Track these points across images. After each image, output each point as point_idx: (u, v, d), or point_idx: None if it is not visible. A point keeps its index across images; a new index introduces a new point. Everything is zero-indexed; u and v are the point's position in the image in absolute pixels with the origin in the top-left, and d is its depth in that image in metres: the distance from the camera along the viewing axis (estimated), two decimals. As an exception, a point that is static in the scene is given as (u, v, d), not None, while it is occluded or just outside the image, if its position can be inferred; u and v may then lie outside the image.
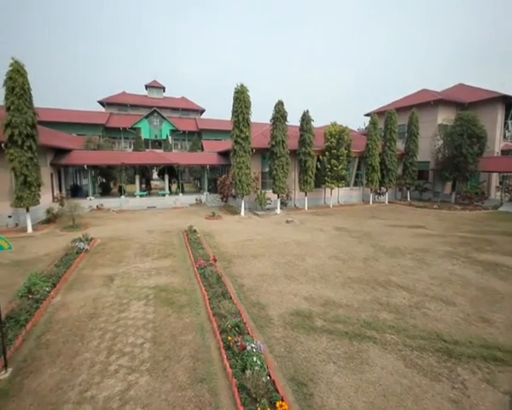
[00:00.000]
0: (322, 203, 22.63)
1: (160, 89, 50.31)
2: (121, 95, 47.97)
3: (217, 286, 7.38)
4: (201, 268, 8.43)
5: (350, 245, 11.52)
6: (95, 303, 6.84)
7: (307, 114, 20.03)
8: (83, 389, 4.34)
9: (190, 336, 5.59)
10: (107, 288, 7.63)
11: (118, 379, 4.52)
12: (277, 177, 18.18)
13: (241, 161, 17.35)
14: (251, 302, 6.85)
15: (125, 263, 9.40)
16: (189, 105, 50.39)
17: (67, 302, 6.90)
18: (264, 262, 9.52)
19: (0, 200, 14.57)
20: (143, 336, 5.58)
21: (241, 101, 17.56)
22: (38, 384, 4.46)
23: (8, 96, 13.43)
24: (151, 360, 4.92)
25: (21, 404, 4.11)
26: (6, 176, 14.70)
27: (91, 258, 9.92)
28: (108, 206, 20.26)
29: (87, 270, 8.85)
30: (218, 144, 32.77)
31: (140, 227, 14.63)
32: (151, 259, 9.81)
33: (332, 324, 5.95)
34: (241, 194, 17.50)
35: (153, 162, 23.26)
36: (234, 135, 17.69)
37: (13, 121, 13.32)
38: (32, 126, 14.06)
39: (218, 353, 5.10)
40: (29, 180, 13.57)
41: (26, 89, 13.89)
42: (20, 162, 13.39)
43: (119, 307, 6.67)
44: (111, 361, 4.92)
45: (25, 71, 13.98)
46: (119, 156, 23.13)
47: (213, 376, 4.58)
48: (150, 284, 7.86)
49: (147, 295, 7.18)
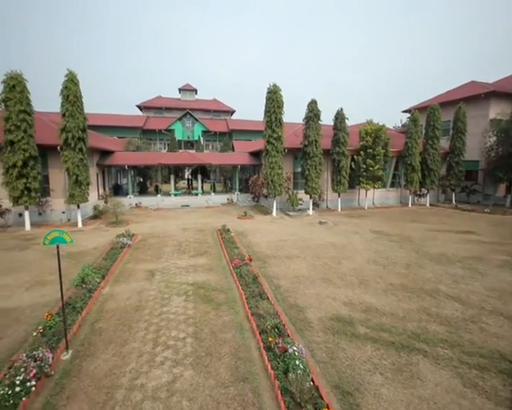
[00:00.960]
0: (356, 205, 21.75)
1: (192, 91, 52.14)
2: (157, 99, 50.56)
3: (253, 286, 7.40)
4: (237, 267, 8.53)
5: (389, 250, 10.90)
6: (139, 296, 7.24)
7: (341, 113, 19.39)
8: (133, 377, 4.59)
9: (230, 334, 5.66)
10: (149, 282, 8.03)
11: (164, 371, 4.71)
12: (310, 177, 17.83)
13: (274, 161, 17.29)
14: (288, 304, 6.76)
15: (164, 259, 9.84)
16: (220, 106, 51.56)
17: (115, 294, 7.38)
18: (299, 264, 9.37)
19: (56, 197, 16.13)
20: (185, 331, 5.76)
21: (274, 101, 17.50)
22: (95, 368, 4.81)
23: (63, 103, 14.78)
24: (194, 355, 5.07)
25: (81, 384, 4.47)
26: (61, 176, 16.22)
27: (134, 253, 10.53)
28: (146, 204, 21.45)
29: (131, 264, 9.41)
30: (247, 144, 33.07)
31: (176, 225, 15.25)
32: (188, 256, 10.15)
33: (376, 332, 5.65)
34: (273, 194, 17.44)
35: (187, 162, 24.14)
36: (266, 135, 17.69)
37: (67, 126, 14.65)
38: (83, 130, 15.34)
39: (258, 353, 5.10)
40: (80, 179, 14.83)
41: (78, 96, 15.18)
42: (73, 163, 14.68)
43: (161, 301, 6.98)
44: (157, 353, 5.15)
45: (77, 80, 15.28)
46: (155, 157, 24.36)
47: (255, 376, 4.58)
48: (189, 280, 8.12)
49: (186, 292, 7.43)
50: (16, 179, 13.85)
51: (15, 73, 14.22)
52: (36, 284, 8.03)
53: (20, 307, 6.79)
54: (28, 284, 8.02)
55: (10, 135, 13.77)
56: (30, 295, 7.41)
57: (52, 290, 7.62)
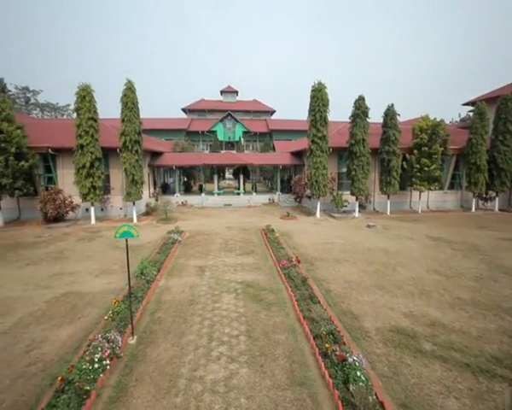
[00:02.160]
0: (408, 208, 20.08)
1: (233, 93, 53.50)
2: (200, 102, 52.93)
3: (303, 288, 7.25)
4: (285, 268, 8.44)
5: (452, 259, 9.80)
6: (192, 291, 7.57)
7: (392, 109, 18.07)
8: (192, 368, 4.79)
9: (283, 336, 5.59)
10: (200, 278, 8.37)
11: (220, 366, 4.83)
12: (356, 178, 16.95)
13: (318, 160, 16.82)
14: (341, 310, 6.46)
15: (212, 256, 10.19)
16: (260, 107, 52.03)
17: (170, 286, 7.84)
18: (349, 268, 8.94)
19: (115, 194, 17.82)
20: (238, 329, 5.85)
21: (319, 99, 17.01)
22: (157, 355, 5.14)
23: (123, 109, 16.22)
24: (248, 354, 5.11)
25: (147, 369, 4.80)
26: (119, 175, 17.86)
27: (183, 249, 11.10)
28: (191, 202, 22.56)
29: (182, 259, 9.93)
30: (288, 144, 32.76)
31: (220, 223, 15.73)
32: (235, 255, 10.36)
33: (445, 350, 5.08)
34: (317, 195, 16.98)
35: (229, 162, 24.81)
36: (310, 134, 17.29)
37: (126, 130, 16.06)
38: (139, 134, 16.70)
39: (313, 358, 4.94)
40: (136, 179, 16.16)
41: (135, 102, 16.54)
42: (130, 164, 16.06)
43: (212, 297, 7.21)
44: (212, 347, 5.31)
45: (135, 88, 16.64)
46: (200, 157, 25.47)
47: (312, 382, 4.44)
48: (237, 278, 8.27)
49: (235, 290, 7.56)
50: (85, 178, 15.61)
51: (85, 85, 16.03)
52: (103, 272, 8.91)
53: (92, 292, 7.59)
54: (97, 271, 8.94)
55: (81, 139, 15.56)
56: (99, 281, 8.24)
57: (117, 279, 8.40)
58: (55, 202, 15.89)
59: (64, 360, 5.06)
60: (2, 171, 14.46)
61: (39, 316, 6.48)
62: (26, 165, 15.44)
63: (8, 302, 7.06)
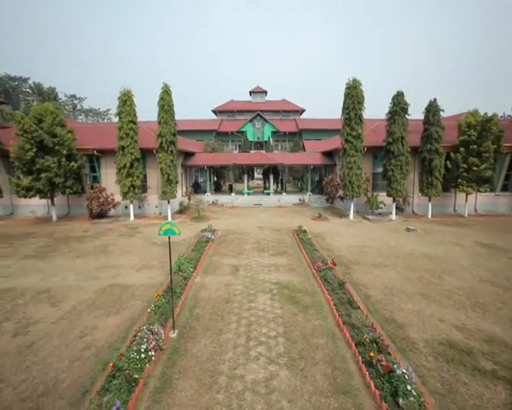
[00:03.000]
0: (452, 211, 18.56)
1: (262, 93, 53.65)
2: (229, 103, 53.83)
3: (340, 292, 7.00)
4: (320, 271, 8.22)
5: (509, 269, 8.84)
6: (227, 289, 7.68)
7: (434, 104, 16.82)
8: (232, 366, 4.83)
9: (322, 340, 5.44)
10: (234, 277, 8.46)
11: (260, 366, 4.81)
12: (394, 178, 16.04)
13: (352, 160, 16.20)
14: (383, 318, 6.13)
15: (245, 256, 10.26)
16: (290, 106, 51.56)
17: (206, 284, 8.02)
18: (388, 273, 8.47)
19: (151, 193, 18.75)
20: (275, 330, 5.81)
21: (353, 96, 16.38)
22: (198, 350, 5.27)
23: (160, 112, 16.98)
24: (287, 356, 5.03)
25: (188, 363, 4.93)
26: (155, 175, 18.75)
27: (217, 247, 11.32)
28: (222, 202, 23.00)
29: (216, 258, 10.13)
30: (318, 144, 32.06)
31: (251, 223, 15.82)
32: (268, 255, 10.34)
33: (510, 372, 4.57)
34: (351, 196, 16.36)
35: (259, 162, 24.89)
36: (344, 133, 16.71)
37: (162, 132, 16.80)
38: (174, 135, 17.38)
39: (356, 366, 4.73)
40: (171, 178, 16.85)
41: (170, 105, 17.24)
42: (166, 164, 16.78)
43: (248, 296, 7.25)
44: (251, 347, 5.32)
45: (170, 91, 17.34)
46: (230, 157, 25.87)
47: (356, 391, 4.25)
48: (271, 279, 8.23)
49: (271, 290, 7.53)
50: (125, 178, 16.62)
51: (126, 90, 17.06)
52: (143, 267, 9.39)
53: (134, 285, 8.02)
54: (137, 266, 9.45)
55: (122, 141, 16.59)
56: (140, 275, 8.70)
57: (156, 274, 8.80)
58: (99, 200, 17.12)
59: (113, 347, 5.40)
60: (56, 171, 15.88)
61: (90, 304, 6.99)
62: (75, 165, 16.81)
63: (63, 290, 7.72)
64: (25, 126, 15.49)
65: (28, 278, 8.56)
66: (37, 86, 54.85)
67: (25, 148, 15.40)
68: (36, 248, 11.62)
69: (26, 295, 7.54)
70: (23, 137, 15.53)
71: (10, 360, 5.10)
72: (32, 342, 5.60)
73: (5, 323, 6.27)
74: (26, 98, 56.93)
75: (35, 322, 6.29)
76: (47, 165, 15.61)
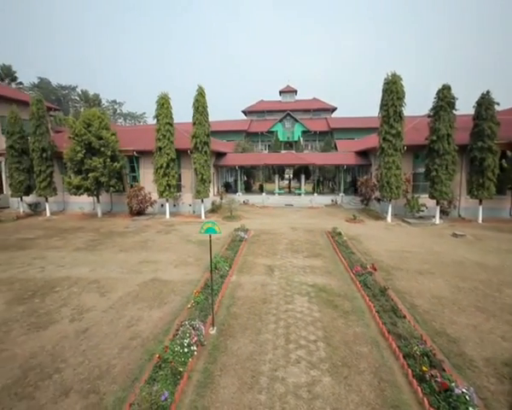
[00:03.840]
0: (506, 216, 16.75)
1: (292, 92, 53.12)
2: (259, 103, 54.06)
3: (382, 299, 6.64)
4: (359, 275, 7.89)
5: None
6: (263, 289, 7.67)
7: (487, 97, 15.30)
8: (272, 368, 4.80)
9: (365, 348, 5.19)
10: (270, 277, 8.44)
11: (301, 370, 4.72)
12: (438, 179, 14.87)
13: (391, 160, 15.34)
14: (434, 330, 5.69)
15: (279, 256, 10.20)
16: (320, 105, 50.40)
17: (242, 283, 8.09)
18: (435, 282, 7.86)
19: (186, 192, 19.46)
20: (315, 334, 5.67)
21: (393, 92, 15.49)
22: (238, 349, 5.31)
23: (195, 113, 17.52)
24: (329, 362, 4.88)
25: (229, 361, 5.00)
26: (189, 175, 19.42)
27: (250, 247, 11.39)
28: (252, 201, 23.15)
29: (250, 257, 10.19)
30: (351, 143, 30.92)
31: (283, 223, 15.71)
32: (302, 256, 10.18)
33: None
34: (389, 197, 15.50)
35: (291, 163, 24.67)
36: (382, 131, 15.88)
37: (196, 133, 17.34)
38: (208, 136, 17.85)
39: (405, 380, 4.44)
40: (204, 178, 17.33)
41: (205, 106, 17.72)
42: (200, 164, 17.28)
43: (284, 298, 7.17)
44: (290, 349, 5.24)
45: (205, 93, 17.81)
46: (261, 158, 25.96)
47: (407, 407, 3.98)
48: (308, 281, 8.07)
49: (308, 292, 7.38)
50: (162, 177, 17.42)
51: (164, 94, 17.86)
52: (180, 263, 9.75)
53: (173, 280, 8.36)
54: (175, 262, 9.84)
55: (159, 142, 17.41)
56: (178, 272, 9.04)
57: (192, 271, 9.08)
58: (138, 198, 18.16)
59: (157, 339, 5.65)
60: (102, 171, 17.15)
61: (134, 297, 7.42)
62: (118, 165, 18.01)
63: (111, 282, 8.29)
64: (76, 130, 16.93)
65: (80, 269, 9.33)
66: (84, 93, 59.94)
67: (75, 150, 16.83)
68: (85, 241, 12.64)
69: (79, 284, 8.21)
70: (74, 140, 16.97)
71: (69, 343, 5.58)
72: (86, 328, 6.08)
73: (63, 308, 6.88)
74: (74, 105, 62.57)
75: (88, 309, 6.82)
76: (94, 165, 16.90)
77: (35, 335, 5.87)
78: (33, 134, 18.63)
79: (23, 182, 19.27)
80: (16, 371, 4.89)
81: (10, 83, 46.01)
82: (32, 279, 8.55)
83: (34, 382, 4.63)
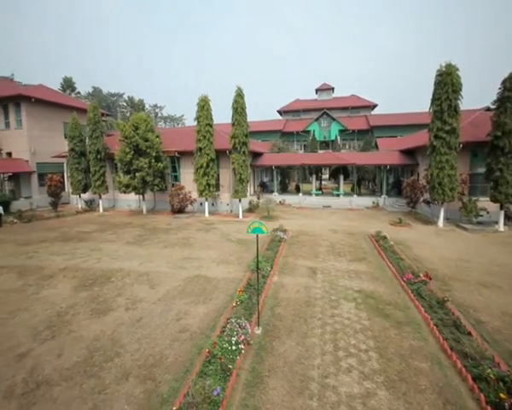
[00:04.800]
0: None
1: (329, 90, 51.51)
2: (295, 102, 53.37)
3: (440, 312, 6.06)
4: (411, 283, 7.32)
5: None
6: (307, 292, 7.50)
7: None
8: (322, 374, 4.64)
9: (425, 364, 4.77)
10: (312, 280, 8.23)
11: (353, 380, 4.49)
12: (503, 180, 13.19)
13: (444, 159, 14.00)
14: (508, 351, 5.02)
15: (321, 259, 9.91)
16: (359, 102, 48.15)
17: (284, 284, 8.01)
18: (506, 297, 6.97)
19: (224, 192, 19.93)
20: (365, 343, 5.37)
21: (447, 84, 14.11)
22: (284, 351, 5.24)
23: (233, 114, 17.84)
24: (383, 375, 4.57)
25: (277, 363, 4.94)
26: (227, 175, 19.84)
27: (290, 248, 11.25)
28: (289, 202, 22.91)
29: (290, 258, 10.06)
30: (393, 142, 28.93)
31: (322, 225, 15.26)
32: (345, 260, 9.77)
33: None
34: (441, 200, 14.18)
35: (329, 163, 23.92)
36: (433, 128, 14.58)
37: (235, 133, 17.64)
38: (246, 136, 18.05)
39: (476, 405, 3.99)
40: (242, 178, 17.56)
41: (243, 107, 17.94)
42: (238, 164, 17.56)
43: (329, 302, 6.93)
44: (340, 357, 5.02)
45: (243, 94, 18.02)
46: (298, 158, 25.58)
47: (482, 436, 3.55)
48: (353, 286, 7.71)
49: (354, 298, 7.04)
50: (202, 177, 18.05)
51: (204, 96, 18.46)
52: (222, 261, 9.97)
53: (216, 278, 8.57)
54: (217, 260, 10.09)
55: (200, 143, 18.04)
56: (220, 269, 9.25)
57: (234, 269, 9.23)
58: (179, 197, 19.04)
59: (205, 334, 5.82)
60: (147, 170, 18.34)
61: (180, 291, 7.75)
62: (162, 165, 19.09)
63: (158, 275, 8.78)
64: (125, 133, 18.31)
65: (131, 262, 10.03)
66: (130, 99, 64.97)
67: (125, 151, 18.21)
68: (134, 236, 13.59)
69: (130, 275, 8.83)
70: (124, 142, 18.38)
71: (126, 330, 6.01)
72: (139, 317, 6.49)
73: (119, 298, 7.44)
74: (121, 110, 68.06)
75: (140, 300, 7.29)
76: (141, 165, 18.13)
77: (96, 320, 6.43)
78: (90, 137, 20.62)
79: (81, 181, 21.41)
80: (83, 351, 5.39)
81: (71, 93, 51.61)
82: (92, 269, 9.41)
83: (99, 363, 5.06)
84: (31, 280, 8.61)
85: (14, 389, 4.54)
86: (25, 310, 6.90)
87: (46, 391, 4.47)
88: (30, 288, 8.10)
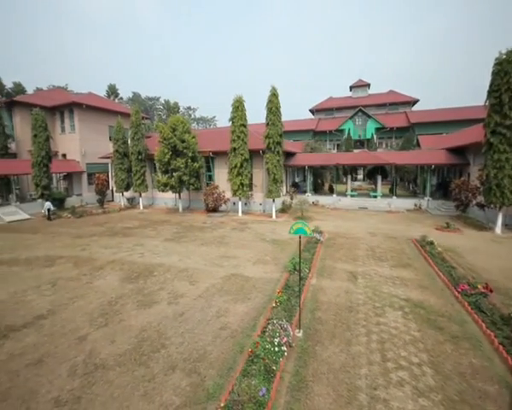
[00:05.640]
0: None
1: (364, 87, 49.31)
2: (328, 100, 51.91)
3: (506, 330, 5.41)
4: (467, 295, 6.66)
5: None
6: (348, 296, 7.20)
7: None
8: (370, 385, 4.39)
9: (491, 387, 4.29)
10: (353, 284, 7.89)
11: (406, 395, 4.18)
12: None
13: (503, 158, 12.55)
14: None
15: (361, 263, 9.47)
16: (398, 98, 45.34)
17: (323, 287, 7.77)
18: None
19: (256, 191, 20.02)
20: (417, 356, 4.98)
21: (508, 74, 12.65)
22: (328, 357, 5.06)
23: (268, 114, 17.83)
24: (441, 393, 4.20)
25: (321, 369, 4.79)
26: (260, 175, 19.89)
27: (327, 250, 10.92)
28: (322, 203, 22.32)
29: (328, 261, 9.76)
30: (437, 139, 26.71)
31: (359, 227, 14.61)
32: (387, 265, 9.22)
33: None
34: (499, 204, 12.75)
35: (365, 162, 22.87)
36: (490, 123, 13.16)
37: (269, 133, 17.60)
38: (280, 136, 17.93)
39: (559, 439, 3.46)
40: (276, 178, 17.48)
41: (278, 107, 17.84)
42: (272, 164, 17.51)
43: (373, 309, 6.58)
44: (389, 368, 4.72)
45: (278, 93, 17.92)
46: (332, 157, 24.82)
47: None
48: (399, 293, 7.24)
49: (401, 307, 6.60)
50: (236, 177, 18.30)
51: (239, 96, 18.66)
52: (258, 261, 9.99)
53: (253, 277, 8.59)
54: (253, 259, 10.13)
55: (234, 143, 18.30)
56: (256, 269, 9.27)
57: (270, 269, 9.18)
58: (214, 196, 19.52)
59: (245, 333, 5.84)
60: (184, 170, 19.08)
61: (219, 289, 7.90)
62: (197, 165, 19.72)
63: (197, 272, 9.05)
64: (164, 135, 19.22)
65: (171, 257, 10.48)
66: (166, 102, 68.37)
67: (164, 152, 19.12)
68: (172, 233, 14.21)
69: (171, 271, 9.22)
70: (163, 144, 19.30)
71: (170, 323, 6.27)
72: (182, 312, 6.73)
73: (161, 291, 7.80)
74: (158, 113, 71.95)
75: (181, 295, 7.56)
76: (178, 165, 18.91)
77: (143, 311, 6.80)
78: (132, 139, 22.03)
79: (124, 180, 22.96)
80: (133, 339, 5.72)
81: (114, 98, 55.77)
82: (136, 263, 10.01)
83: (147, 352, 5.33)
84: (85, 270, 9.40)
85: (77, 369, 4.96)
86: (81, 297, 7.54)
87: (103, 374, 4.81)
88: (84, 277, 8.84)
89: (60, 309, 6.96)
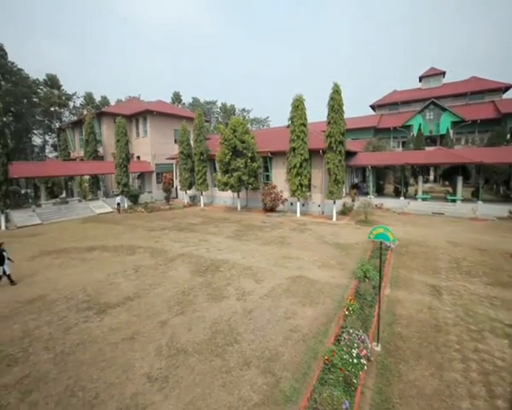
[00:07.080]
0: None
1: (438, 76, 43.54)
2: (392, 94, 47.49)
3: None
4: None
5: None
6: (432, 313, 6.38)
7: None
8: (476, 423, 3.76)
9: None
10: (437, 300, 6.97)
11: (528, 444, 3.45)
12: None
13: None
14: None
15: (444, 276, 8.32)
16: (483, 85, 38.75)
17: (401, 300, 7.06)
18: None
19: (315, 192, 19.44)
20: (539, 398, 4.09)
21: None
22: (415, 379, 4.53)
23: (329, 112, 17.07)
24: None
25: (409, 392, 4.30)
26: (319, 175, 19.23)
27: (399, 259, 9.92)
28: (387, 206, 20.47)
29: (402, 270, 8.85)
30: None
31: (435, 235, 12.91)
32: (480, 282, 7.89)
33: None
34: None
35: (442, 161, 20.14)
36: None
37: (331, 132, 16.86)
38: (342, 134, 17.04)
39: None
40: (338, 178, 16.67)
41: (340, 105, 16.96)
42: (334, 164, 16.75)
43: (468, 332, 5.68)
44: (500, 407, 3.97)
45: (340, 90, 17.03)
46: (400, 156, 22.61)
47: None
48: (501, 318, 6.11)
49: (507, 335, 5.55)
50: (294, 177, 18.06)
51: (299, 96, 18.35)
52: (323, 265, 9.63)
53: (319, 281, 8.30)
54: (318, 263, 9.80)
55: (293, 143, 18.07)
56: (322, 273, 8.93)
57: (337, 274, 8.74)
58: (271, 196, 19.64)
59: (317, 338, 5.64)
60: (243, 170, 19.67)
61: (285, 290, 7.83)
62: (256, 165, 20.10)
63: (261, 271, 9.16)
64: (225, 136, 20.10)
65: (234, 254, 10.85)
66: (223, 106, 71.87)
67: (225, 152, 20.01)
68: (232, 231, 14.75)
69: (236, 268, 9.53)
70: (223, 145, 20.20)
71: (240, 319, 6.44)
72: (250, 309, 6.86)
73: (228, 287, 8.11)
74: (215, 116, 76.07)
75: (248, 293, 7.72)
76: (238, 165, 19.56)
77: (213, 304, 7.15)
78: (195, 141, 23.65)
79: (187, 179, 24.82)
80: (207, 331, 6.05)
81: (178, 104, 61.00)
82: (203, 257, 10.64)
83: (222, 345, 5.56)
84: (160, 260, 10.39)
85: (162, 350, 5.45)
86: (159, 285, 8.34)
87: (185, 359, 5.18)
88: (160, 267, 9.77)
89: (143, 293, 7.80)
